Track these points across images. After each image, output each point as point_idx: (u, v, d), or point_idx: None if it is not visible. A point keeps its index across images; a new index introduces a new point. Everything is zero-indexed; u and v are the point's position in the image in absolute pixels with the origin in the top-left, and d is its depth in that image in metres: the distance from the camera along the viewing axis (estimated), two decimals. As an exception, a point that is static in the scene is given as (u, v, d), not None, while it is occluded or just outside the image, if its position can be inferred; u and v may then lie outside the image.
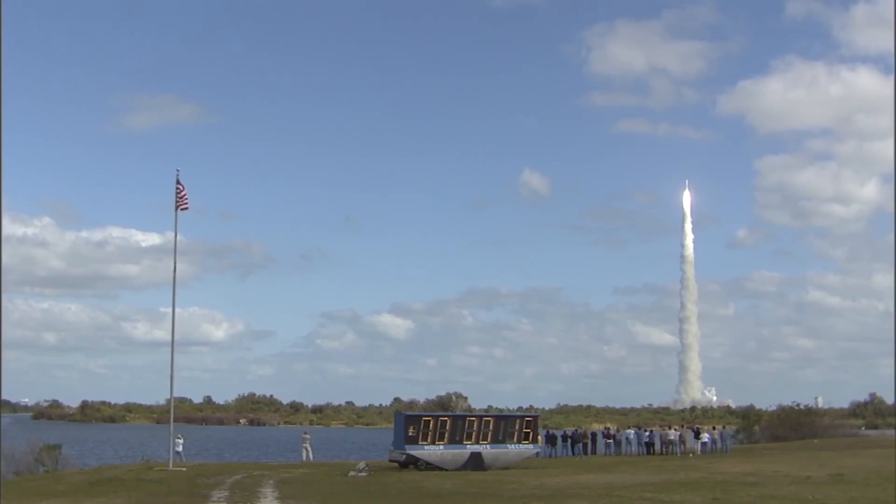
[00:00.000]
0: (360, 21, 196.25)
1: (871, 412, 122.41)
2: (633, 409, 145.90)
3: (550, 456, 38.58)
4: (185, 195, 29.84)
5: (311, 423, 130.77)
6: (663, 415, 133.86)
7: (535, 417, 32.61)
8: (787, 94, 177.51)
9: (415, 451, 29.13)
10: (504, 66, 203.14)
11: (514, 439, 30.22)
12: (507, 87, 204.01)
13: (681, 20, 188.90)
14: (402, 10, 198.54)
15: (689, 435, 41.05)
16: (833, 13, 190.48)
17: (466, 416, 30.97)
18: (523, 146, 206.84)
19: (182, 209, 29.83)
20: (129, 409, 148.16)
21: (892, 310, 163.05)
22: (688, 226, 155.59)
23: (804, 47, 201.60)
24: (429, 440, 29.12)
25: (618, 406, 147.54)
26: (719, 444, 40.45)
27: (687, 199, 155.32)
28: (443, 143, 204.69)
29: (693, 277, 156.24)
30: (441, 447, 29.27)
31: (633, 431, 42.52)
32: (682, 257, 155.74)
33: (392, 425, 34.24)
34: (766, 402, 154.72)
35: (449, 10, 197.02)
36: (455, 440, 29.50)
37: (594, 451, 40.56)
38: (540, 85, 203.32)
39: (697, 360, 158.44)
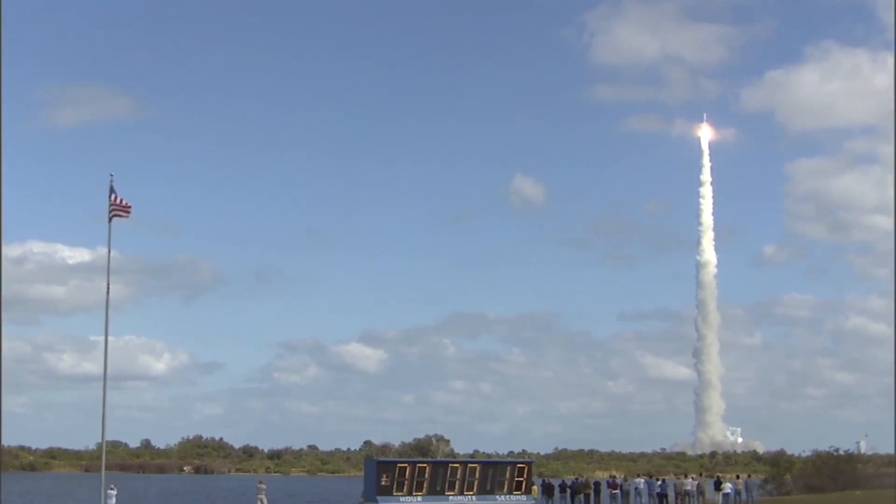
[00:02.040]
0: (325, 8, 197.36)
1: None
2: (643, 455, 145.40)
3: (547, 509, 38.62)
4: (121, 203, 30.40)
5: (268, 470, 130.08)
6: (678, 461, 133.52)
7: (529, 464, 32.61)
8: (824, 85, 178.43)
9: (389, 504, 29.09)
10: (491, 55, 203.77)
11: (505, 489, 30.25)
12: (496, 81, 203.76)
13: (699, 0, 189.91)
14: None
15: (709, 485, 41.03)
16: None
17: (449, 463, 30.98)
18: (514, 148, 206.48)
19: (116, 216, 30.41)
20: (54, 455, 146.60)
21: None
22: (707, 240, 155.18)
23: (844, 31, 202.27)
24: (405, 490, 29.09)
25: (625, 451, 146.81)
26: (744, 496, 40.46)
27: (706, 203, 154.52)
28: (420, 145, 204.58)
29: (714, 301, 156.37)
30: (419, 499, 29.21)
31: (643, 481, 42.59)
32: (699, 278, 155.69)
33: (362, 473, 34.28)
34: (799, 446, 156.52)
35: None
36: (435, 490, 29.55)
37: (598, 504, 40.62)
38: (534, 77, 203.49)
39: (719, 396, 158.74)
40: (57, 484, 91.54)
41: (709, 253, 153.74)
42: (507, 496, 30.60)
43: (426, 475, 29.55)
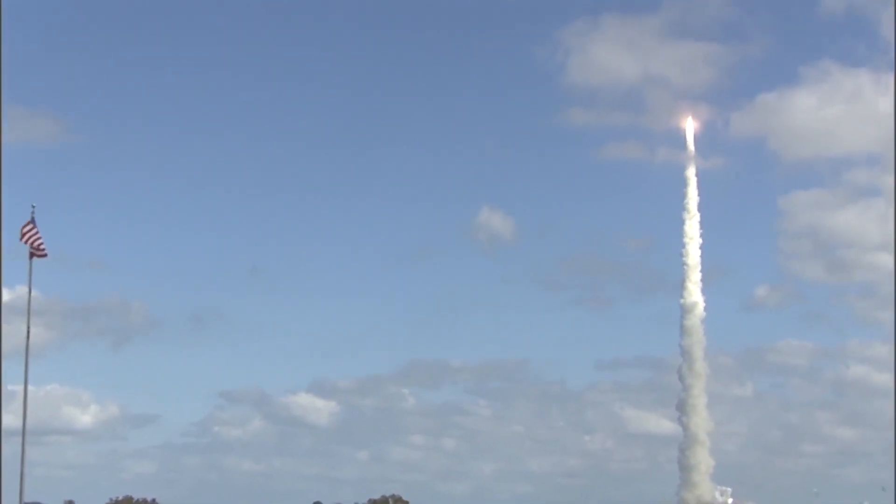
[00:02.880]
0: (270, 25, 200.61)
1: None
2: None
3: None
4: (35, 244, 30.42)
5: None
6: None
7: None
8: (822, 110, 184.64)
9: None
10: (455, 77, 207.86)
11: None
12: (460, 104, 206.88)
13: (685, 15, 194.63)
14: (320, 10, 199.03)
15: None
16: (880, 5, 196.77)
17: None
18: (480, 178, 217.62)
19: (38, 256, 30.70)
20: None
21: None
22: (692, 281, 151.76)
23: (843, 50, 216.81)
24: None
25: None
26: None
27: (692, 240, 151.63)
28: (375, 175, 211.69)
29: (700, 348, 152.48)
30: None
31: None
32: (684, 323, 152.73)
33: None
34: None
35: (382, 6, 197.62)
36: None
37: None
38: (502, 100, 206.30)
39: (706, 453, 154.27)
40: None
41: (695, 295, 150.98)
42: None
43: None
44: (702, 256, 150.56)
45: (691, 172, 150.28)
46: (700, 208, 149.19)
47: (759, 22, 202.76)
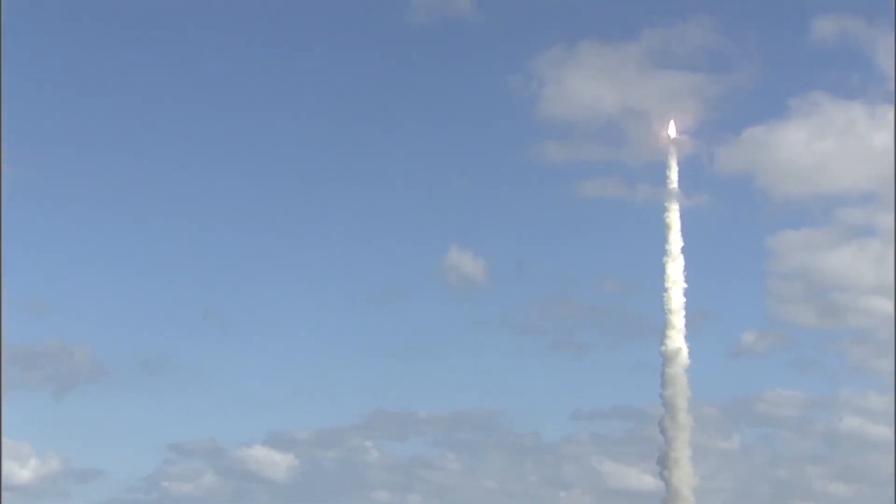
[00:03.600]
0: (225, 51, 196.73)
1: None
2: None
3: None
4: None
5: None
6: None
7: None
8: (813, 145, 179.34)
9: None
10: (422, 106, 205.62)
11: None
12: (426, 136, 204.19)
13: (667, 43, 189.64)
14: (279, 36, 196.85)
15: None
16: (877, 33, 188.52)
17: None
18: (449, 216, 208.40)
19: None
20: None
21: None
22: (675, 326, 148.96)
23: (836, 81, 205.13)
24: None
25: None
26: None
27: (674, 282, 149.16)
28: (337, 211, 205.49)
29: (684, 398, 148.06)
30: None
31: None
32: (667, 371, 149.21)
33: None
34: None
35: (342, 30, 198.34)
36: None
37: None
38: (472, 132, 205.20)
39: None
40: None
41: (678, 341, 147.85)
42: None
43: None
44: (685, 300, 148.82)
45: (674, 210, 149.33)
46: (683, 249, 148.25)
47: (746, 51, 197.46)
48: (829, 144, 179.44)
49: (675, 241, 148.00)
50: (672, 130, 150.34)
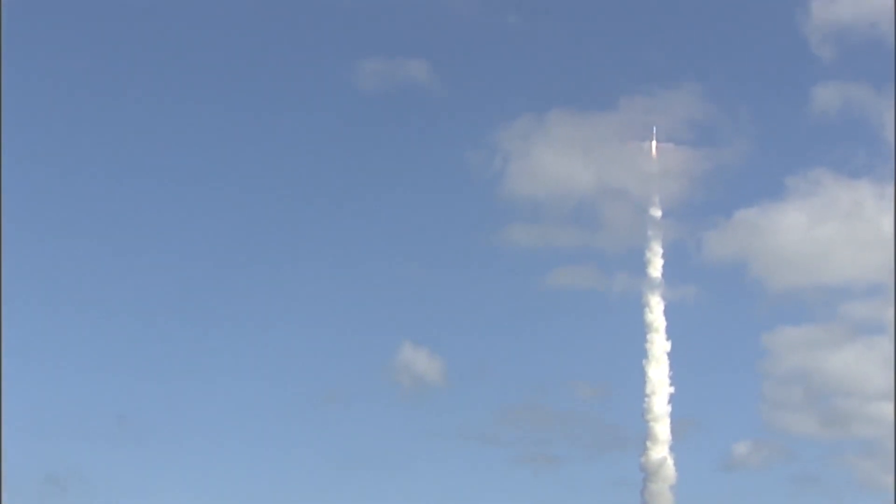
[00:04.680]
0: (139, 122, 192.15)
1: None
2: None
3: None
4: None
5: None
6: None
7: None
8: (813, 230, 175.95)
9: None
10: (370, 183, 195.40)
11: None
12: (377, 218, 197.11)
13: (648, 113, 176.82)
14: (217, 108, 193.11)
15: None
16: (886, 103, 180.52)
17: None
18: (402, 308, 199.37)
19: None
20: None
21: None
22: (658, 436, 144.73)
23: (839, 157, 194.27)
24: None
25: None
26: None
27: (657, 386, 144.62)
28: (273, 303, 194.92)
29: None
30: None
31: None
32: (648, 486, 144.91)
33: None
34: None
35: (285, 97, 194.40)
36: None
37: None
38: (428, 214, 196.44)
39: None
40: None
41: (661, 453, 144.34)
42: None
43: None
44: (669, 406, 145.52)
45: (656, 304, 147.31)
46: (667, 348, 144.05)
47: (738, 122, 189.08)
48: (832, 229, 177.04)
49: (658, 339, 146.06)
50: (654, 212, 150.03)
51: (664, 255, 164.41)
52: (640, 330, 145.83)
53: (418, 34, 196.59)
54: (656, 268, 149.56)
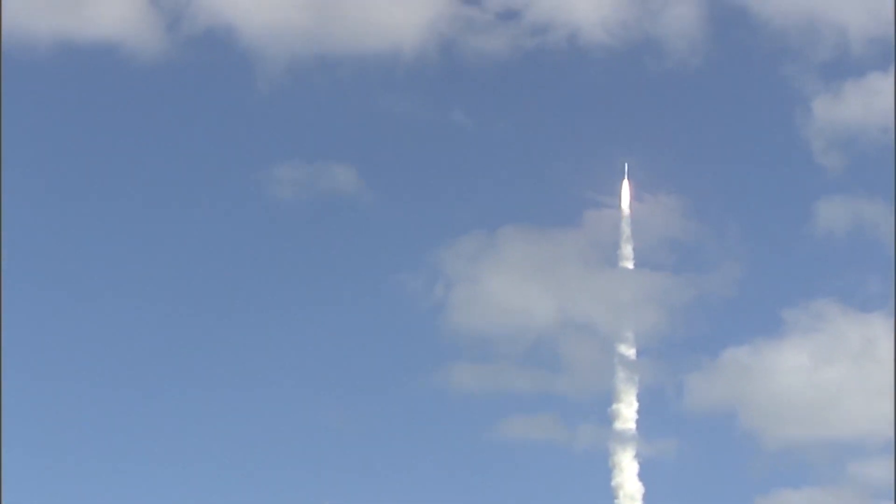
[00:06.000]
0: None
1: None
2: None
3: None
4: None
5: None
6: None
7: None
8: (816, 373, 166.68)
9: None
10: (287, 310, 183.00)
11: None
12: (291, 353, 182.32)
13: (618, 230, 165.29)
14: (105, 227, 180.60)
15: None
16: None
17: None
18: (329, 459, 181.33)
19: None
20: None
21: None
22: None
23: (848, 286, 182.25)
24: None
25: None
26: None
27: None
28: (165, 448, 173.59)
29: None
30: None
31: None
32: None
33: None
34: None
35: (186, 205, 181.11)
36: None
37: None
38: (353, 350, 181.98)
39: None
40: None
41: None
42: None
43: None
44: None
45: (628, 460, 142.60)
46: None
47: (727, 243, 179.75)
48: (839, 372, 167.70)
49: (631, 501, 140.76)
50: (627, 351, 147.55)
51: (638, 403, 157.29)
52: (608, 493, 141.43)
53: (343, 134, 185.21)
54: (628, 418, 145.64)
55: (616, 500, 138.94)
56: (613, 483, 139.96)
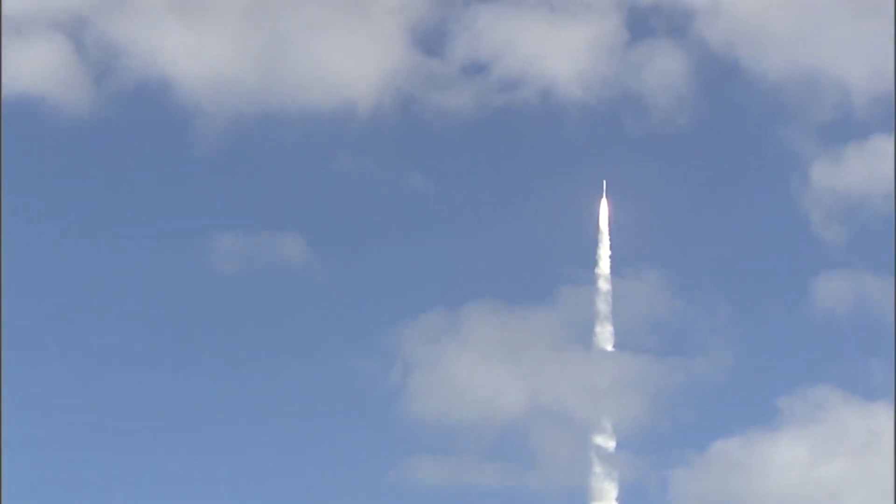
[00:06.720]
0: None
1: None
2: None
3: None
4: None
5: None
6: None
7: None
8: (815, 468, 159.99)
9: None
10: (227, 398, 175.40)
11: None
12: (231, 447, 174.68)
13: (593, 309, 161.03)
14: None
15: None
16: None
17: None
18: None
19: None
20: None
21: None
22: None
23: (850, 371, 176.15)
24: None
25: None
26: None
27: None
28: None
29: None
30: None
31: None
32: None
33: None
34: None
35: (119, 277, 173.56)
36: None
37: None
38: (303, 443, 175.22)
39: None
40: None
41: None
42: None
43: None
44: None
45: None
46: None
47: (716, 324, 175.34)
48: (841, 467, 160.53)
49: None
50: (605, 442, 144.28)
51: (618, 500, 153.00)
52: None
53: (290, 199, 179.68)
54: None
55: None
56: None
